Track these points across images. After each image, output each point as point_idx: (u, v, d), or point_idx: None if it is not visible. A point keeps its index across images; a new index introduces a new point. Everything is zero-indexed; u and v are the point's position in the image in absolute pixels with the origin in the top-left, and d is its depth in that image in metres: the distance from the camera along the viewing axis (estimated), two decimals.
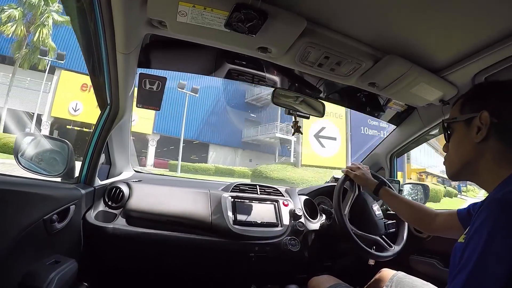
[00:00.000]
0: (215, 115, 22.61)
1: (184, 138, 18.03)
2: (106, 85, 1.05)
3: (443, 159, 0.75)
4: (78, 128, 17.09)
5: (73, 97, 16.78)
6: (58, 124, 17.29)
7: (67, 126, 16.98)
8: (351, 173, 1.23)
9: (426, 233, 1.04)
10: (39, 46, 14.67)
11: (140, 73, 1.05)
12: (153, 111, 17.39)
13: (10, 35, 14.35)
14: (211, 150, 22.50)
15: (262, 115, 23.52)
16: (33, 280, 0.79)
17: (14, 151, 1.03)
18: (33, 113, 15.05)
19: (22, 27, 14.55)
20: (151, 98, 1.07)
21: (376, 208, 1.27)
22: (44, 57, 14.69)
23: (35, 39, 14.72)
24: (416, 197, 1.66)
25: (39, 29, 14.75)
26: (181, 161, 16.69)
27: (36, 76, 15.63)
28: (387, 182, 1.18)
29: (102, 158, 1.27)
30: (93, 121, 1.17)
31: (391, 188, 1.17)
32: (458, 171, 0.71)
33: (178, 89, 16.69)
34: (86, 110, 16.56)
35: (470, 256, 0.50)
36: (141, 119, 18.21)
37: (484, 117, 0.62)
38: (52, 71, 15.93)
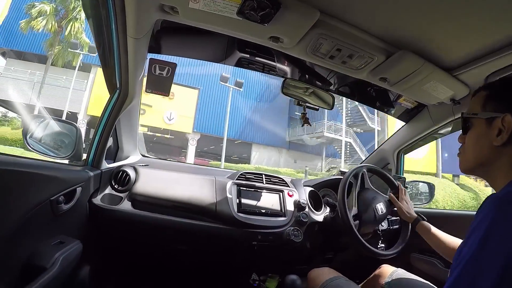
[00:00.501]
0: (258, 113, 20.61)
1: (220, 136, 17.20)
2: (116, 69, 1.05)
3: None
4: None
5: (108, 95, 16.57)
6: (94, 123, 17.03)
7: None
8: (396, 203, 1.25)
9: None
10: (70, 40, 14.29)
11: (150, 59, 1.04)
12: (194, 108, 17.68)
13: (40, 30, 14.02)
14: (254, 150, 20.78)
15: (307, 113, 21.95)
16: (38, 260, 0.81)
17: (23, 132, 1.04)
18: (70, 112, 14.70)
19: (53, 22, 14.15)
20: (160, 84, 1.07)
21: (380, 206, 1.26)
22: (75, 50, 14.41)
23: (66, 33, 14.30)
24: (421, 196, 1.65)
25: (71, 23, 14.31)
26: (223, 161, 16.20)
27: (71, 74, 15.04)
28: (424, 217, 1.19)
29: (110, 141, 1.28)
30: None
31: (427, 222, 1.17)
32: (471, 168, 0.69)
33: (221, 82, 15.39)
34: None
35: (467, 253, 0.50)
36: (181, 118, 17.37)
37: (508, 120, 0.59)
38: (88, 69, 15.57)
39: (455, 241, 1.01)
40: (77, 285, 1.13)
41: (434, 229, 1.10)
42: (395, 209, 1.27)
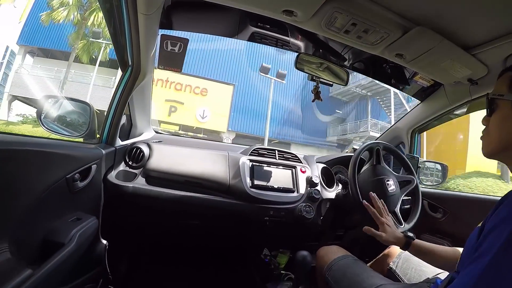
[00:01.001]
0: (297, 110, 18.55)
1: (260, 136, 15.92)
2: (128, 46, 1.04)
3: None
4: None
5: None
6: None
7: None
8: (378, 219, 1.04)
9: None
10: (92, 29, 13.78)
11: (161, 35, 1.03)
12: (228, 106, 16.62)
13: (62, 21, 13.45)
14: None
15: (348, 111, 19.62)
16: (56, 236, 0.84)
17: (37, 113, 1.04)
18: (98, 110, 14.04)
19: (76, 13, 13.48)
20: (172, 60, 1.06)
21: (391, 183, 1.25)
22: (97, 40, 13.87)
23: (89, 24, 13.72)
24: (433, 177, 1.64)
25: (95, 13, 13.56)
26: None
27: (99, 72, 14.52)
28: (413, 236, 1.00)
29: (124, 119, 1.29)
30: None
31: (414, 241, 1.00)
32: (494, 152, 0.66)
33: (261, 73, 12.85)
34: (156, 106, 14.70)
35: (486, 252, 0.48)
36: (214, 116, 16.20)
37: None
38: (115, 65, 14.06)
39: (456, 254, 0.91)
40: (93, 260, 1.17)
41: (428, 248, 0.96)
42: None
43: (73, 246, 0.84)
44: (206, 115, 16.12)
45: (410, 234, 1.00)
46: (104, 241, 1.21)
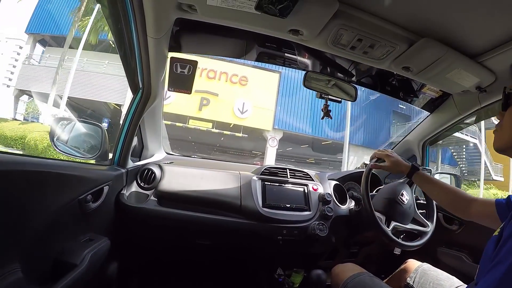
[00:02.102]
0: (355, 105, 14.12)
1: (308, 135, 13.71)
2: (138, 69, 1.07)
3: None
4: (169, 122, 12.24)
5: None
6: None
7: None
8: (382, 154, 1.17)
9: (462, 217, 0.99)
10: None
11: (171, 57, 1.06)
12: (274, 98, 13.64)
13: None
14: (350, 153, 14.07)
15: (412, 107, 14.43)
16: (68, 257, 0.84)
17: (50, 135, 1.07)
18: (116, 105, 12.54)
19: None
20: (182, 82, 1.08)
21: (405, 196, 1.23)
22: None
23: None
24: None
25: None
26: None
27: (113, 58, 12.56)
28: (419, 166, 1.12)
29: (135, 140, 1.31)
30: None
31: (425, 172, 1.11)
32: (506, 147, 0.66)
33: None
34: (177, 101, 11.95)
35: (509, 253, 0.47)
36: (257, 110, 13.21)
37: None
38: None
39: (456, 190, 1.00)
40: (105, 280, 1.17)
41: (432, 179, 1.07)
42: (421, 202, 1.23)
43: (85, 266, 0.84)
44: (246, 109, 13.18)
45: (417, 164, 1.09)
46: (116, 262, 1.21)
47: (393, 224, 1.19)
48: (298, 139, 14.47)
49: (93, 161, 1.14)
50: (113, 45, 11.98)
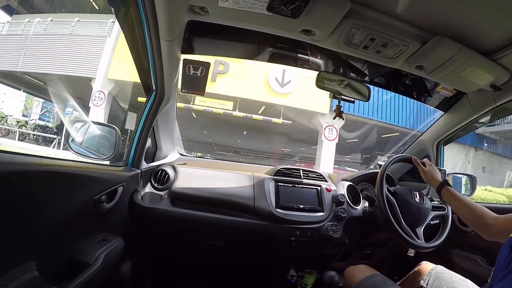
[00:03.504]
0: None
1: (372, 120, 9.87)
2: (151, 71, 1.09)
3: None
4: None
5: None
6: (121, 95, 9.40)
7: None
8: (420, 166, 1.21)
9: (485, 238, 0.99)
10: None
11: (183, 59, 1.07)
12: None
13: None
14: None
15: None
16: (83, 256, 0.86)
17: (65, 137, 1.11)
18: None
19: None
20: (195, 83, 1.09)
21: (418, 198, 1.22)
22: None
23: None
24: (462, 189, 1.58)
25: None
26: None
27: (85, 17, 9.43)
28: (449, 183, 1.14)
29: (149, 142, 1.32)
30: None
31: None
32: None
33: None
34: None
35: None
36: (305, 81, 8.57)
37: None
38: (108, 9, 9.12)
39: (481, 210, 1.00)
40: (118, 280, 1.18)
41: (459, 196, 1.08)
42: (436, 204, 1.21)
43: (99, 266, 0.86)
44: (289, 79, 8.85)
45: (447, 179, 1.12)
46: (129, 262, 1.22)
47: (406, 226, 1.18)
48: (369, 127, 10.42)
49: (107, 162, 1.16)
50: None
